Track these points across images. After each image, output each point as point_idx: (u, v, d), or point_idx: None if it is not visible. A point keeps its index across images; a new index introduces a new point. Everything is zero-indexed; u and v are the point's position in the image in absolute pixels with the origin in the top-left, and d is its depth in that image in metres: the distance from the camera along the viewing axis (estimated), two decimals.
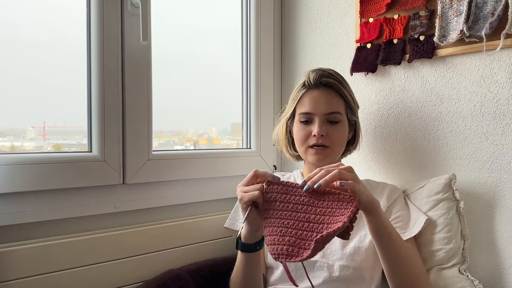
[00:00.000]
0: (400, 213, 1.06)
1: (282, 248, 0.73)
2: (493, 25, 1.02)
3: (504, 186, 1.06)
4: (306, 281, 1.01)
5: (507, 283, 1.05)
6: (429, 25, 1.16)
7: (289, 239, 0.74)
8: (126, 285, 1.13)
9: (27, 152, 1.09)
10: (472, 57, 1.11)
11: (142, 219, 1.22)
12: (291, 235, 0.75)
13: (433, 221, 1.06)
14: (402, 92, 1.26)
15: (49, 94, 1.12)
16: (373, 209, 0.84)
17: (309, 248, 0.72)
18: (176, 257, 1.22)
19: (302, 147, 1.10)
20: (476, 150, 1.11)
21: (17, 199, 0.99)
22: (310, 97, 1.08)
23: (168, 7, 1.34)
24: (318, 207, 0.78)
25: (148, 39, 1.16)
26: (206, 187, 1.37)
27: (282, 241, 0.74)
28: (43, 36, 1.10)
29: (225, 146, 1.60)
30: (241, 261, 0.94)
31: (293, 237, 0.75)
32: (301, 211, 0.78)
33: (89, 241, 1.07)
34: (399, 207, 1.08)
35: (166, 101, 1.32)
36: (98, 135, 1.11)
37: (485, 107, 1.09)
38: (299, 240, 0.74)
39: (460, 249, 1.06)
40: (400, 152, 1.27)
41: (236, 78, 1.54)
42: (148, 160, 1.20)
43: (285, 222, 0.77)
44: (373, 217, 0.85)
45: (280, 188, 0.81)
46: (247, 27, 1.54)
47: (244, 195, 0.83)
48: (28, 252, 0.97)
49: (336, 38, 1.43)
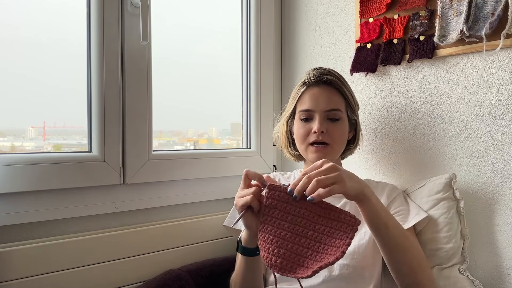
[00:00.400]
0: (399, 208, 1.06)
1: (276, 260, 0.73)
2: (493, 25, 1.02)
3: (504, 186, 1.06)
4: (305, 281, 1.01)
5: (507, 283, 1.05)
6: (429, 25, 1.16)
7: (284, 252, 0.74)
8: (126, 285, 1.13)
9: (27, 152, 1.09)
10: (472, 57, 1.11)
11: (142, 219, 1.22)
12: (287, 249, 0.74)
13: (433, 220, 1.06)
14: (402, 92, 1.26)
15: (49, 94, 1.12)
16: (364, 199, 0.84)
17: (303, 266, 0.72)
18: (176, 257, 1.22)
19: (302, 145, 1.10)
20: (476, 150, 1.11)
21: (17, 199, 0.99)
22: (310, 94, 1.08)
23: (168, 7, 1.34)
24: (317, 223, 0.76)
25: (148, 39, 1.16)
26: (206, 187, 1.37)
27: (277, 253, 0.73)
28: (43, 36, 1.10)
29: (225, 146, 1.60)
30: (241, 264, 0.94)
31: (288, 250, 0.74)
32: (299, 224, 0.77)
33: (89, 241, 1.07)
34: (398, 203, 1.08)
35: (166, 101, 1.32)
36: (98, 135, 1.11)
37: (485, 107, 1.09)
38: (294, 255, 0.74)
39: (460, 249, 1.06)
40: (400, 152, 1.27)
41: (236, 78, 1.54)
42: (148, 160, 1.20)
43: (282, 233, 0.76)
44: (365, 206, 0.84)
45: (282, 196, 0.79)
46: (247, 27, 1.54)
47: (238, 200, 0.83)
48: (28, 252, 0.97)
49: (336, 38, 1.43)
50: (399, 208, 1.06)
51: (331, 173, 0.79)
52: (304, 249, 0.75)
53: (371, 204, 0.85)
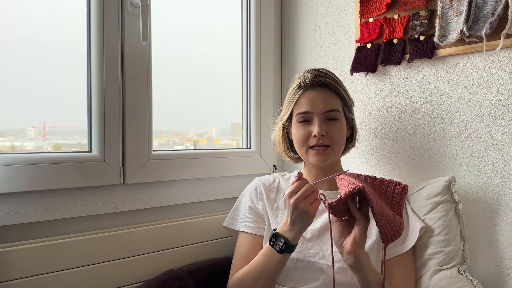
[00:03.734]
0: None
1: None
2: (493, 25, 1.02)
3: (504, 186, 1.06)
4: (306, 283, 1.02)
5: (507, 283, 1.05)
6: (429, 25, 1.16)
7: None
8: (126, 285, 1.13)
9: (27, 152, 1.09)
10: (472, 57, 1.11)
11: (142, 219, 1.22)
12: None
13: (431, 224, 1.06)
14: (402, 92, 1.26)
15: (49, 94, 1.12)
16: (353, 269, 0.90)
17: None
18: (176, 257, 1.22)
19: (302, 149, 1.09)
20: (476, 150, 1.11)
21: (17, 199, 0.99)
22: (307, 98, 1.08)
23: (168, 7, 1.34)
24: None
25: (148, 39, 1.16)
26: (206, 187, 1.37)
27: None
28: (43, 36, 1.10)
29: (225, 146, 1.60)
30: (277, 264, 0.96)
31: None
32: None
33: (89, 241, 1.07)
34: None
35: (166, 101, 1.32)
36: (98, 135, 1.11)
37: (485, 107, 1.09)
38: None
39: (460, 251, 1.05)
40: (400, 152, 1.27)
41: (236, 78, 1.54)
42: (148, 160, 1.20)
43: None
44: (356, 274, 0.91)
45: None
46: (247, 27, 1.54)
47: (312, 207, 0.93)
48: (28, 252, 0.97)
49: (336, 38, 1.43)
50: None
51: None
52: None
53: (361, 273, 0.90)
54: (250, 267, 1.01)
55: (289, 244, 0.94)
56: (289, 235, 0.94)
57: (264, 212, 1.14)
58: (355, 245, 0.86)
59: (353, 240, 0.87)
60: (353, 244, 0.86)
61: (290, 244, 0.94)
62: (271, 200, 1.15)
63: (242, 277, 1.01)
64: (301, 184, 0.94)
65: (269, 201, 1.14)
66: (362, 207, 0.89)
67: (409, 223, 1.07)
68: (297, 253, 1.03)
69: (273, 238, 0.96)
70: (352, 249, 0.86)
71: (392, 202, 0.99)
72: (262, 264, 0.98)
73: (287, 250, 0.95)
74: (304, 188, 0.93)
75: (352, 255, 0.87)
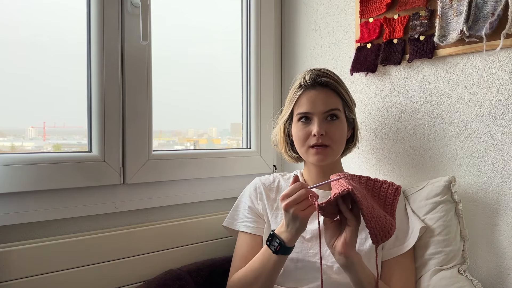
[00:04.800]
0: (398, 226, 1.05)
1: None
2: (493, 25, 1.02)
3: (504, 186, 1.06)
4: (306, 283, 1.02)
5: (507, 283, 1.05)
6: (429, 25, 1.16)
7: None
8: (126, 285, 1.13)
9: (27, 152, 1.09)
10: (472, 57, 1.11)
11: (142, 219, 1.22)
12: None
13: (431, 224, 1.06)
14: (402, 92, 1.26)
15: (49, 94, 1.12)
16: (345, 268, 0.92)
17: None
18: (176, 257, 1.22)
19: (302, 148, 1.09)
20: (476, 150, 1.11)
21: (17, 199, 0.99)
22: (307, 97, 1.08)
23: (168, 7, 1.34)
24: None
25: (148, 39, 1.16)
26: (206, 187, 1.37)
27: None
28: (43, 36, 1.10)
29: (225, 146, 1.60)
30: (274, 265, 0.96)
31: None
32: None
33: (89, 241, 1.07)
34: (398, 221, 1.07)
35: (166, 101, 1.32)
36: (98, 135, 1.11)
37: (485, 107, 1.09)
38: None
39: (460, 251, 1.05)
40: (400, 152, 1.27)
41: (236, 78, 1.54)
42: (148, 160, 1.20)
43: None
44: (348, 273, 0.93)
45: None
46: (247, 27, 1.54)
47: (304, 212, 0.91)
48: (28, 252, 0.97)
49: (336, 38, 1.43)
50: (398, 226, 1.05)
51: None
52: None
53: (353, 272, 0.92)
54: (249, 267, 1.01)
55: (283, 246, 0.93)
56: (284, 236, 0.94)
57: (263, 212, 1.14)
58: (345, 245, 0.87)
59: (343, 241, 0.88)
60: (344, 244, 0.88)
61: (285, 245, 0.93)
62: (271, 200, 1.15)
63: (241, 277, 1.01)
64: (296, 188, 0.92)
65: (269, 201, 1.14)
66: (353, 209, 0.89)
67: (409, 223, 1.07)
68: (297, 253, 1.03)
69: (270, 239, 0.96)
70: (342, 250, 0.88)
71: (385, 203, 0.99)
72: (260, 265, 0.98)
73: (282, 251, 0.94)
74: (298, 194, 0.90)
75: (343, 255, 0.88)
